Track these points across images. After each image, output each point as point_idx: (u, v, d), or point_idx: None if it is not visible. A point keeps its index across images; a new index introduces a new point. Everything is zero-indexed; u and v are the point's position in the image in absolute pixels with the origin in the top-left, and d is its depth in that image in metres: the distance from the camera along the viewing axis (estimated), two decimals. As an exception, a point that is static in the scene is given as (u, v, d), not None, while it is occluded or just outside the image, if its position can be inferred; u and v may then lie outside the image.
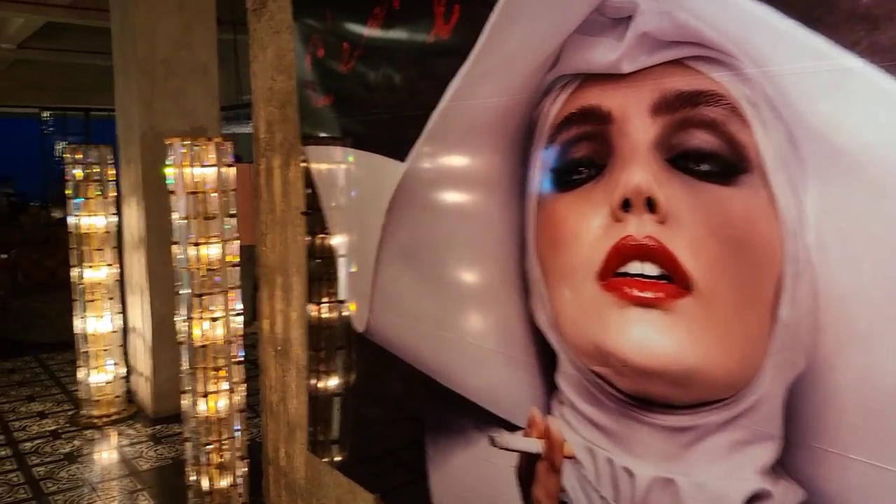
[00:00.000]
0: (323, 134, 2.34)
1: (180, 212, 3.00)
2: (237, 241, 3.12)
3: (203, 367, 3.06)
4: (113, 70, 4.84)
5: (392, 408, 2.15)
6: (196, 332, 3.04)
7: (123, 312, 4.82)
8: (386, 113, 2.00)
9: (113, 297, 4.63)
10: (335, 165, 2.29)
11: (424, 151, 1.85)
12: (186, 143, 2.97)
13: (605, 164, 1.36)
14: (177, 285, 3.06)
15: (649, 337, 1.30)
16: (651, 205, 1.27)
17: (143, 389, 4.79)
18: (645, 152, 1.28)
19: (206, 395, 3.06)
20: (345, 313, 2.30)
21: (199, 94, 4.61)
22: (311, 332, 2.53)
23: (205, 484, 3.12)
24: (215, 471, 3.13)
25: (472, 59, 1.64)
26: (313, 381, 2.53)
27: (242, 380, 3.19)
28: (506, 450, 1.63)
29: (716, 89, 1.17)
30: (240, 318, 3.16)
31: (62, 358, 5.83)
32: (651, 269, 1.28)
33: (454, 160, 1.80)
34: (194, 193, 2.99)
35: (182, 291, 3.04)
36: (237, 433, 3.17)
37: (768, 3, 1.09)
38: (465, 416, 1.79)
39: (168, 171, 3.02)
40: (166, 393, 4.50)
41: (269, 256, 2.85)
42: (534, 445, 1.57)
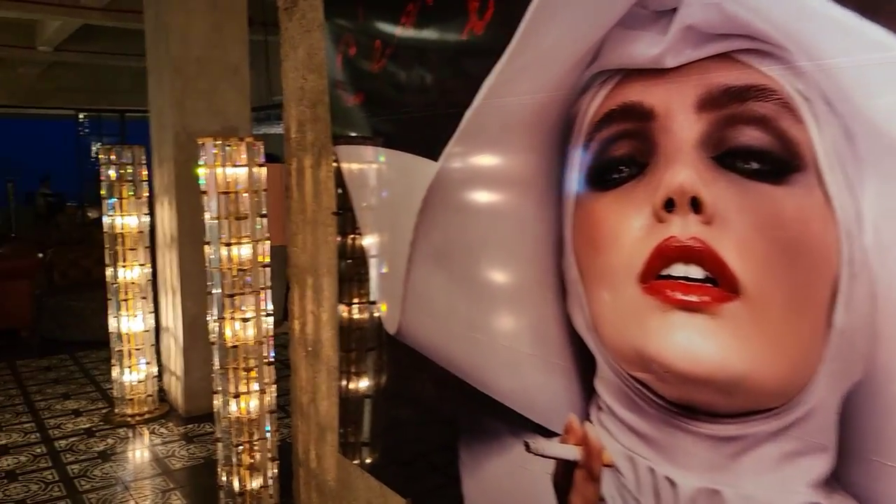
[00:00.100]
0: (354, 133, 2.32)
1: (212, 212, 3.01)
2: (268, 242, 3.11)
3: (234, 368, 3.07)
4: (146, 70, 4.89)
5: (424, 410, 2.12)
6: (227, 332, 3.04)
7: (156, 312, 4.86)
8: (418, 112, 1.97)
9: (146, 297, 4.67)
10: (366, 165, 2.27)
11: (457, 151, 1.81)
12: (218, 142, 2.98)
13: (647, 163, 1.31)
14: (208, 285, 3.07)
15: (694, 342, 1.25)
16: (696, 205, 1.22)
17: (175, 389, 4.83)
18: (689, 150, 1.23)
19: (237, 395, 3.07)
20: (376, 314, 2.28)
21: (231, 94, 4.62)
22: (341, 333, 2.51)
23: (236, 485, 3.12)
24: (246, 472, 3.13)
25: (507, 56, 1.60)
26: (344, 383, 2.51)
27: (273, 380, 3.19)
28: (541, 456, 1.59)
29: (766, 84, 1.11)
30: (271, 319, 3.16)
31: (97, 356, 5.91)
32: (696, 271, 1.23)
33: (488, 159, 1.76)
34: (226, 193, 2.99)
35: (214, 291, 3.04)
36: (268, 434, 3.17)
37: (824, -8, 1.03)
38: (499, 420, 1.75)
39: (200, 171, 3.03)
40: (198, 392, 4.53)
41: (299, 257, 2.84)
42: (571, 452, 1.52)
